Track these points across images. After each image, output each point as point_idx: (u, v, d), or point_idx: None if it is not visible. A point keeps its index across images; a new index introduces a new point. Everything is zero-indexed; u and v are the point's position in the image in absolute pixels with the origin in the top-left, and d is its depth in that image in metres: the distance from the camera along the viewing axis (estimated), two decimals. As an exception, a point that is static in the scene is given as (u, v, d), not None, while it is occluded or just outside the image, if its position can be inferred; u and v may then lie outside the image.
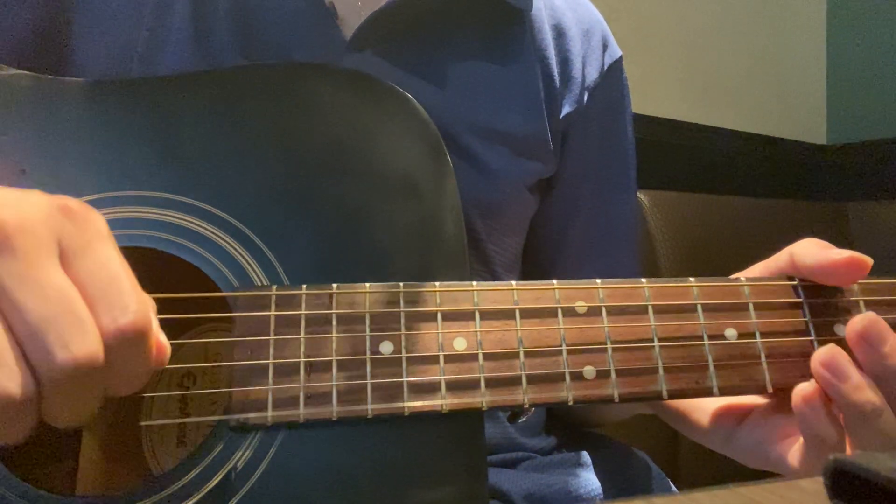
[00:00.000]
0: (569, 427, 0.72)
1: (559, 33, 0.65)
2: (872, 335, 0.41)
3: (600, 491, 0.61)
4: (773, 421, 0.45)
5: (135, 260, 0.42)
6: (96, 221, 0.33)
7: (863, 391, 0.40)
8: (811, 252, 0.44)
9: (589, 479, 0.62)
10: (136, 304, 0.32)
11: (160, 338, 0.35)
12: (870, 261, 0.43)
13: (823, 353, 0.41)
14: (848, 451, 0.40)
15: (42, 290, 0.30)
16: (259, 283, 0.41)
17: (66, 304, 0.30)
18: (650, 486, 0.67)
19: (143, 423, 0.47)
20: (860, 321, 0.41)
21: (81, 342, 0.30)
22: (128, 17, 0.54)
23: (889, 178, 1.72)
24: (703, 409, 0.50)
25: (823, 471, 0.28)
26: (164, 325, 0.40)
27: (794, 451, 0.43)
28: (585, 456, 0.65)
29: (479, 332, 0.41)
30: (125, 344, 0.32)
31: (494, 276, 0.62)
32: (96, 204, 0.42)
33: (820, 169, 1.85)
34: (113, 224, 0.41)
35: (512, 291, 0.42)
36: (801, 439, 0.42)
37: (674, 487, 0.69)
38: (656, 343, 0.42)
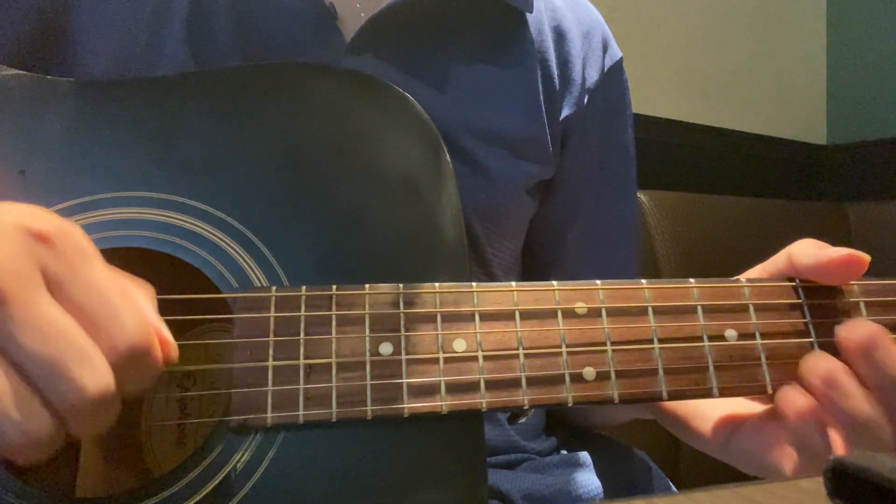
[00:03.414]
0: (569, 428, 0.72)
1: (559, 35, 0.65)
2: (871, 345, 0.40)
3: (601, 491, 0.61)
4: (768, 428, 0.44)
5: (134, 261, 0.42)
6: (75, 239, 0.32)
7: (863, 406, 0.39)
8: (809, 252, 0.44)
9: (589, 480, 0.62)
10: (132, 321, 0.32)
11: (164, 335, 0.34)
12: (867, 258, 0.43)
13: (821, 367, 0.40)
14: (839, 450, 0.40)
15: (42, 332, 0.30)
16: (258, 284, 0.41)
17: (68, 341, 0.30)
18: (650, 487, 0.67)
19: (142, 425, 0.47)
20: (860, 331, 0.40)
21: (92, 377, 0.30)
22: (127, 18, 0.54)
23: (889, 178, 1.72)
24: (702, 415, 0.50)
25: (823, 471, 0.28)
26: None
27: (787, 459, 0.42)
28: (586, 456, 0.65)
29: (478, 333, 0.41)
30: (131, 361, 0.32)
31: (493, 279, 0.62)
32: (95, 205, 0.42)
33: (820, 169, 1.85)
34: (112, 225, 0.42)
35: (512, 293, 0.42)
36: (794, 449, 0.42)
37: (674, 488, 0.69)
38: (656, 344, 0.42)
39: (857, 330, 0.41)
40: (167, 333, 0.35)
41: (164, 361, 0.34)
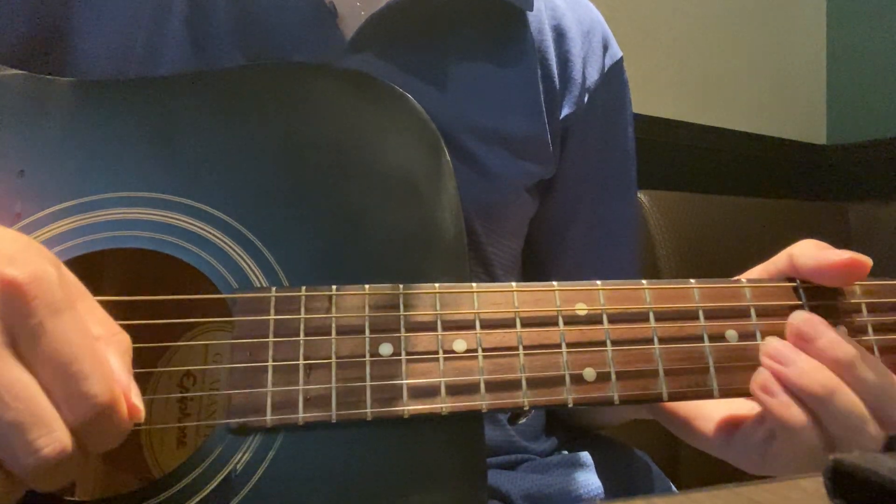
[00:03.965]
0: (569, 428, 0.71)
1: (559, 34, 0.65)
2: (807, 332, 0.42)
3: (601, 491, 0.61)
4: (766, 425, 0.45)
5: (133, 262, 0.42)
6: (47, 291, 0.31)
7: (809, 374, 0.40)
8: (810, 253, 0.44)
9: (590, 480, 0.62)
10: (97, 384, 0.31)
11: (131, 399, 0.33)
12: (869, 261, 0.43)
13: (769, 344, 0.42)
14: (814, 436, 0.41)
15: (2, 396, 0.29)
16: (258, 285, 0.41)
17: (25, 404, 0.29)
18: (651, 487, 0.67)
19: (142, 426, 0.47)
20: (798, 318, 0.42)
21: (48, 442, 0.29)
22: (127, 18, 0.54)
23: (889, 178, 1.72)
24: (704, 415, 0.50)
25: (823, 471, 0.28)
26: (163, 327, 0.40)
27: (782, 452, 0.43)
28: (586, 456, 0.65)
29: (478, 334, 0.41)
30: (95, 423, 0.31)
31: (494, 278, 0.62)
32: (95, 205, 0.42)
33: (820, 169, 1.85)
34: (112, 225, 0.41)
35: (512, 293, 0.42)
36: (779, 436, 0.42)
37: (674, 488, 0.69)
38: (657, 345, 0.42)
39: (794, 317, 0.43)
40: (135, 396, 0.34)
41: (129, 423, 0.33)
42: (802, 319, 0.42)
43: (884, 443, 0.28)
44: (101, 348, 0.33)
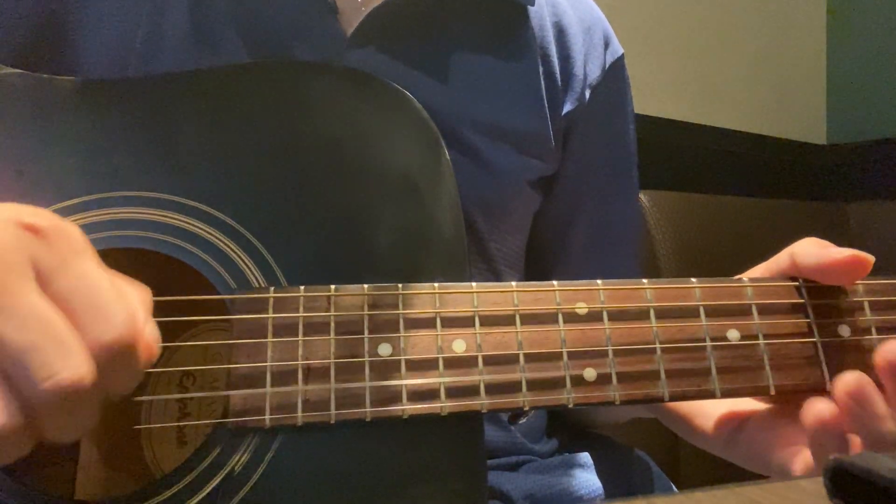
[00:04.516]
0: (570, 429, 0.71)
1: (560, 31, 0.65)
2: None
3: (601, 491, 0.61)
4: (775, 427, 0.44)
5: (131, 261, 0.42)
6: (69, 236, 0.32)
7: (888, 426, 0.38)
8: (812, 252, 0.44)
9: (590, 480, 0.62)
10: (120, 316, 0.31)
11: (149, 337, 0.33)
12: (871, 259, 0.43)
13: (851, 382, 0.39)
14: None
15: (20, 318, 0.29)
16: (256, 285, 0.41)
17: (46, 330, 0.29)
18: (651, 487, 0.67)
19: (142, 427, 0.47)
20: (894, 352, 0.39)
21: (66, 367, 0.29)
22: (126, 15, 0.54)
23: (889, 178, 1.72)
24: (705, 413, 0.50)
25: (823, 471, 0.28)
26: (162, 327, 0.40)
27: (798, 461, 0.42)
28: (587, 457, 0.65)
29: (478, 334, 0.41)
30: (114, 356, 0.31)
31: (497, 274, 0.62)
32: (93, 204, 0.42)
33: (820, 169, 1.85)
34: (110, 225, 0.41)
35: (512, 293, 0.42)
36: (808, 451, 0.41)
37: (674, 488, 0.69)
38: (658, 345, 0.42)
39: (892, 351, 0.39)
40: (152, 335, 0.34)
41: (145, 363, 0.33)
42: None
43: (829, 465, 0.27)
44: (124, 288, 0.33)
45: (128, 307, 0.32)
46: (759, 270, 0.47)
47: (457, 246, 0.44)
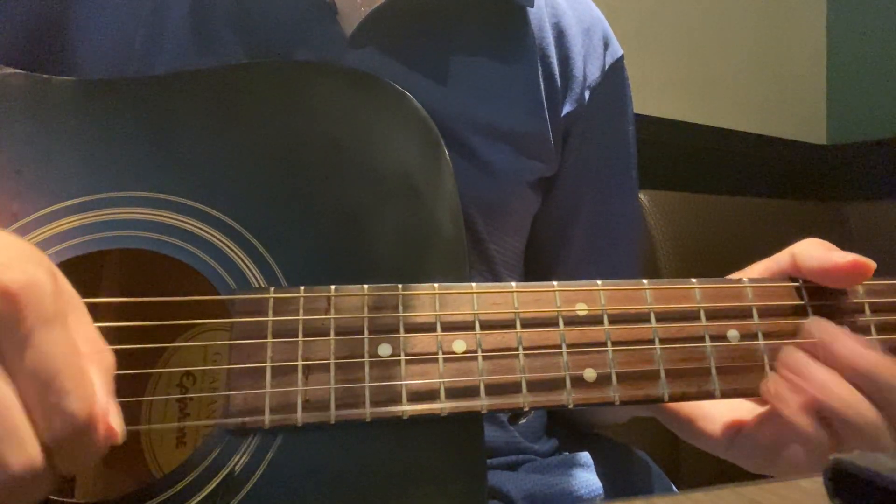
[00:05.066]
0: (570, 429, 0.71)
1: (560, 32, 0.65)
2: (824, 340, 0.41)
3: (601, 491, 0.61)
4: (772, 424, 0.44)
5: (131, 261, 0.42)
6: (40, 299, 0.30)
7: (827, 389, 0.40)
8: (814, 254, 0.44)
9: (590, 480, 0.62)
10: (77, 403, 0.30)
11: (110, 421, 0.32)
12: (873, 265, 0.43)
13: (787, 356, 0.42)
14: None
15: None
16: (256, 285, 0.41)
17: (1, 417, 0.29)
18: (651, 487, 0.67)
19: (142, 427, 0.47)
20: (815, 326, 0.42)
21: (18, 456, 0.29)
22: (126, 15, 0.54)
23: (889, 178, 1.72)
24: (706, 415, 0.50)
25: (823, 471, 0.28)
26: (162, 327, 0.40)
27: (791, 455, 0.42)
28: (586, 457, 0.65)
29: (478, 334, 0.41)
30: (68, 442, 0.31)
31: (496, 276, 0.62)
32: (93, 205, 0.42)
33: (820, 169, 1.85)
34: (110, 225, 0.41)
35: (512, 293, 0.42)
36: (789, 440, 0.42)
37: (674, 488, 0.69)
38: (657, 345, 0.42)
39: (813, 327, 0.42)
40: (113, 417, 0.33)
41: (104, 445, 0.32)
42: (820, 328, 0.42)
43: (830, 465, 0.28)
44: (85, 365, 0.32)
45: (86, 392, 0.31)
46: (758, 269, 0.47)
47: (457, 246, 0.44)
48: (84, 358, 0.32)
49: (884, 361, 0.40)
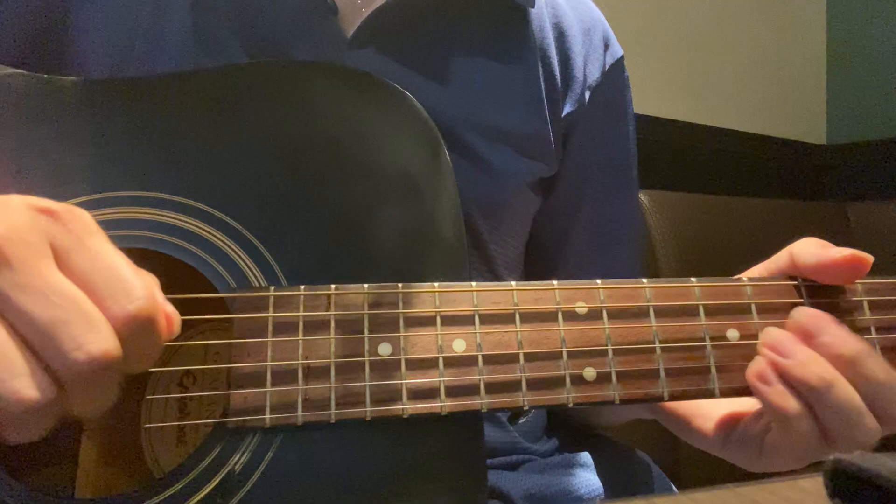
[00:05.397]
0: (570, 428, 0.71)
1: (560, 32, 0.65)
2: (810, 328, 0.41)
3: (601, 491, 0.61)
4: (763, 419, 0.45)
5: (132, 261, 0.41)
6: (82, 218, 0.33)
7: (807, 366, 0.40)
8: (811, 251, 0.44)
9: (590, 480, 0.62)
10: (140, 290, 0.32)
11: (168, 309, 0.35)
12: (870, 258, 0.43)
13: (765, 334, 0.42)
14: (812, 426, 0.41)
15: (46, 295, 0.30)
16: (257, 284, 0.41)
17: (72, 304, 0.30)
18: (651, 487, 0.67)
19: (143, 427, 0.47)
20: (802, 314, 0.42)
21: (95, 339, 0.30)
22: (126, 15, 0.54)
23: (889, 178, 1.72)
24: (703, 414, 0.50)
25: (823, 471, 0.28)
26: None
27: (780, 445, 0.43)
28: (587, 456, 0.65)
29: (478, 334, 0.41)
30: (137, 329, 0.32)
31: (497, 276, 0.62)
32: (93, 204, 0.42)
33: (820, 169, 1.85)
34: (109, 224, 0.41)
35: (511, 292, 0.42)
36: (774, 426, 0.42)
37: (674, 488, 0.69)
38: (657, 344, 0.42)
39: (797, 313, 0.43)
40: (170, 307, 0.35)
41: (167, 334, 0.34)
42: (806, 315, 0.42)
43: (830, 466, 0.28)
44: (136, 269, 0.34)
45: (146, 282, 0.33)
46: (758, 270, 0.47)
47: (457, 245, 0.44)
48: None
49: (869, 350, 0.41)
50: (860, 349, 0.40)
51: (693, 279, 0.44)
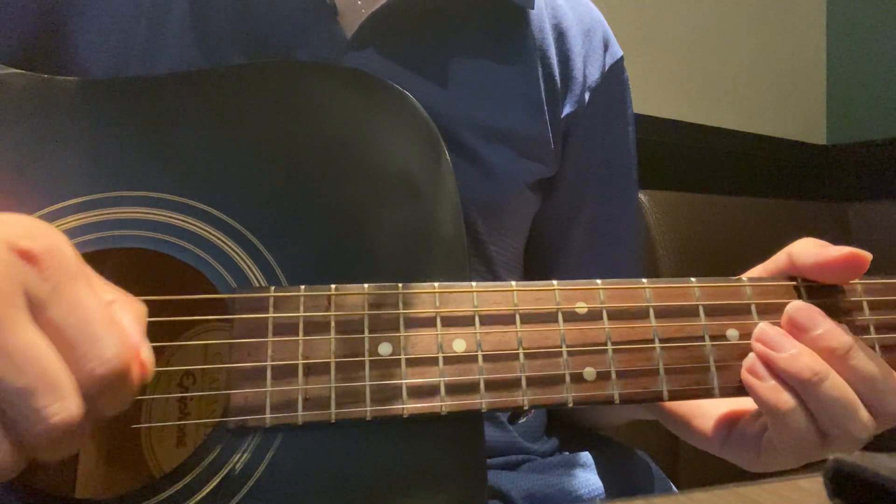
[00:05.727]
0: (570, 428, 0.71)
1: (560, 33, 0.65)
2: (802, 322, 0.42)
3: (601, 491, 0.61)
4: (760, 417, 0.45)
5: (131, 261, 0.42)
6: (61, 260, 0.32)
7: (798, 360, 0.40)
8: (810, 251, 0.44)
9: (590, 480, 0.62)
10: (111, 348, 0.31)
11: (143, 356, 0.33)
12: (868, 256, 0.43)
13: (757, 329, 0.42)
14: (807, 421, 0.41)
15: (12, 359, 0.29)
16: (257, 284, 0.41)
17: (38, 369, 0.29)
18: (651, 487, 0.67)
19: (142, 426, 0.47)
20: (794, 308, 0.42)
21: (59, 409, 0.29)
22: (126, 15, 0.54)
23: (889, 178, 1.72)
24: (703, 413, 0.50)
25: (824, 471, 0.28)
26: (162, 327, 0.40)
27: (776, 442, 0.43)
28: (587, 456, 0.65)
29: (478, 334, 0.41)
30: (107, 387, 0.31)
31: (496, 277, 0.62)
32: (93, 204, 0.42)
33: (820, 169, 1.85)
34: (110, 225, 0.41)
35: (512, 292, 0.42)
36: (770, 424, 0.42)
37: (674, 488, 0.69)
38: (657, 344, 0.42)
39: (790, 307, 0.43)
40: (146, 354, 0.34)
41: (139, 383, 0.33)
42: (798, 309, 0.42)
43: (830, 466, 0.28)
44: (116, 311, 0.33)
45: (120, 335, 0.32)
46: (757, 271, 0.47)
47: (457, 245, 0.44)
48: (114, 304, 0.33)
49: (861, 345, 0.41)
50: (851, 343, 0.41)
51: (693, 279, 0.44)
